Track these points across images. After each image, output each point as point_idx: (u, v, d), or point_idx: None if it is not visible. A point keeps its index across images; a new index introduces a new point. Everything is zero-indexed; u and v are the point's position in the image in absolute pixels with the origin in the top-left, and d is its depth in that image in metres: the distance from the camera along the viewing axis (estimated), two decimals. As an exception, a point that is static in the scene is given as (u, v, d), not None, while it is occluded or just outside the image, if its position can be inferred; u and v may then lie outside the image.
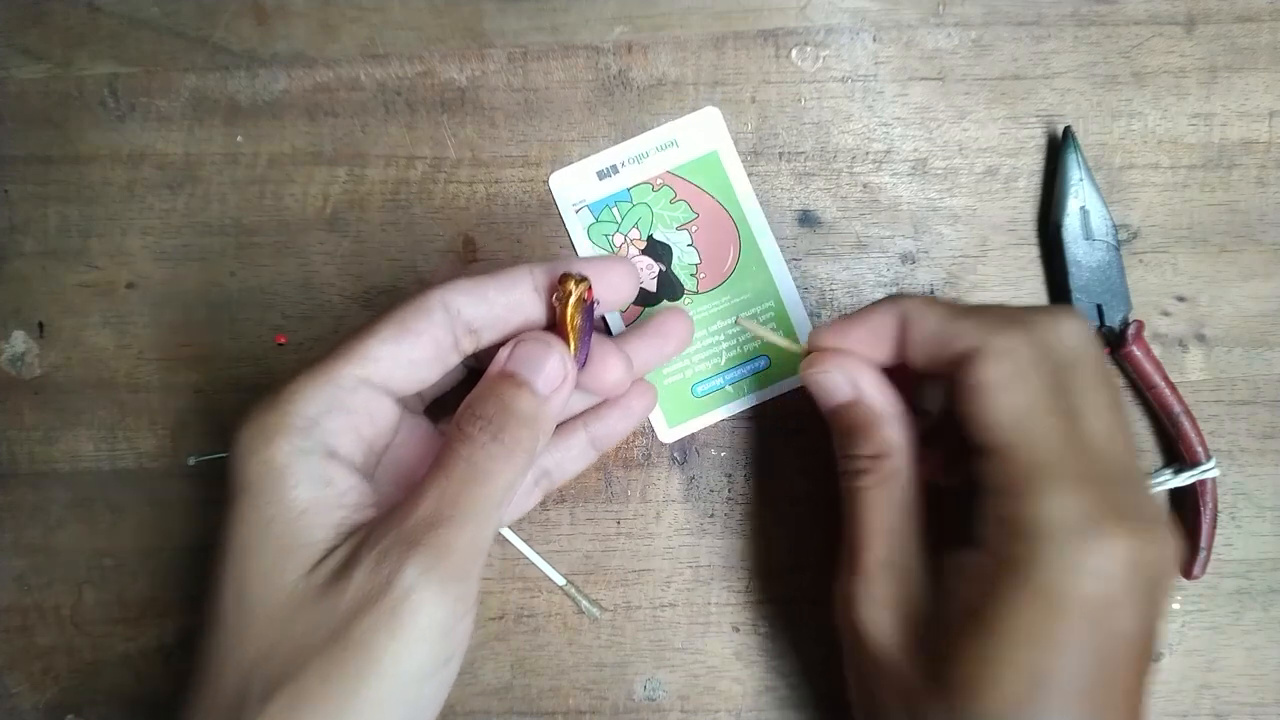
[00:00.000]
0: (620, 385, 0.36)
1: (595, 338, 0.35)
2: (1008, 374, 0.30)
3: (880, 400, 0.34)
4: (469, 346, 0.34)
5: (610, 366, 0.35)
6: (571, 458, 0.40)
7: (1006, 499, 0.29)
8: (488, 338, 0.34)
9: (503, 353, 0.33)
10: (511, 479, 0.31)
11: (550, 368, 0.32)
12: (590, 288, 0.33)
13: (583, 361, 0.34)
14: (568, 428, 0.39)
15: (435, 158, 0.45)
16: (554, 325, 0.33)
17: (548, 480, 0.40)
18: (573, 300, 0.32)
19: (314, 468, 0.30)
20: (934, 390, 0.38)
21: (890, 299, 0.34)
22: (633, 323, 0.45)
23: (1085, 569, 0.27)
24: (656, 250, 0.45)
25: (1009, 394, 0.30)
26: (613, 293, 0.35)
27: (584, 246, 0.45)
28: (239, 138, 0.45)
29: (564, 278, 0.32)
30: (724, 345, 0.45)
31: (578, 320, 0.33)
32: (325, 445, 0.31)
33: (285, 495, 0.30)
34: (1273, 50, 0.45)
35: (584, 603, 0.45)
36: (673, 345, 0.39)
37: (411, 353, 0.32)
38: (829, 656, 0.44)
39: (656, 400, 0.41)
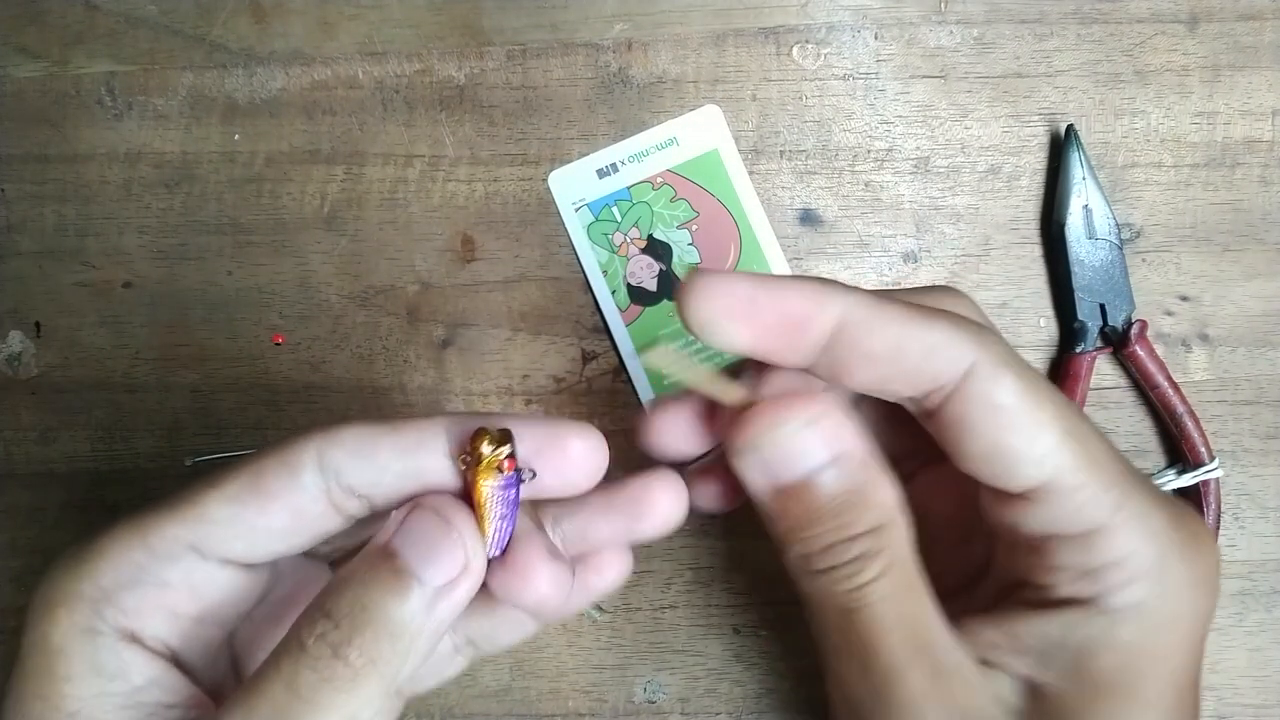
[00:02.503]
0: (547, 602, 0.25)
1: (525, 527, 0.25)
2: (1019, 390, 0.23)
3: (867, 451, 0.25)
4: (357, 510, 0.25)
5: (535, 573, 0.24)
6: (506, 630, 0.29)
7: (1083, 547, 0.23)
8: (382, 503, 0.25)
9: (394, 518, 0.24)
10: (354, 716, 0.22)
11: (446, 555, 0.23)
12: (513, 455, 0.23)
13: (499, 551, 0.24)
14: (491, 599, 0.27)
15: (433, 156, 0.45)
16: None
17: (473, 649, 0.30)
18: (482, 466, 0.23)
19: (100, 654, 0.23)
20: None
21: (810, 283, 0.24)
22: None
23: (1200, 589, 0.24)
24: (656, 249, 0.45)
25: (1030, 414, 0.23)
26: (558, 475, 0.25)
27: (584, 246, 0.45)
28: (236, 136, 0.45)
29: (476, 435, 0.23)
30: (724, 345, 0.45)
31: (486, 496, 0.23)
32: (122, 625, 0.24)
33: (54, 688, 0.23)
34: (1276, 48, 0.45)
35: (583, 604, 0.44)
36: (649, 525, 0.27)
37: (260, 519, 0.24)
38: (830, 658, 0.44)
39: (628, 572, 0.29)
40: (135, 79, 0.45)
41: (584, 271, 0.45)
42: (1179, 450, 0.44)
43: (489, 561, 0.24)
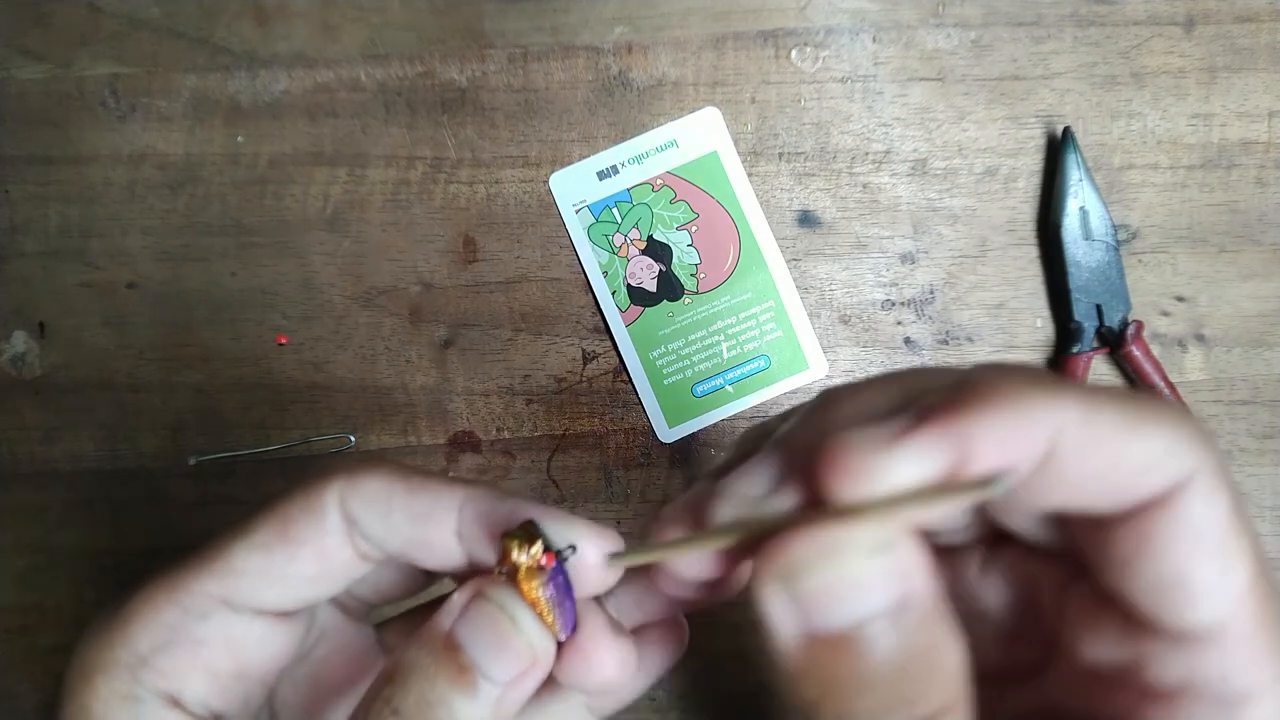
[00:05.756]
0: (612, 684, 0.24)
1: (587, 608, 0.24)
2: (1228, 514, 0.19)
3: (937, 598, 0.19)
4: (379, 557, 0.25)
5: (601, 655, 0.23)
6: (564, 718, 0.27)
7: (1227, 711, 0.19)
8: (395, 554, 0.25)
9: (455, 598, 0.23)
10: None
11: (513, 652, 0.22)
12: (548, 547, 0.23)
13: (565, 635, 0.23)
14: (552, 687, 0.25)
15: (435, 158, 0.45)
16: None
17: None
18: (522, 575, 0.22)
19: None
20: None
21: (1021, 390, 0.18)
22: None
23: None
24: (656, 250, 0.45)
25: (1230, 544, 0.19)
26: (587, 568, 0.23)
27: (584, 246, 0.45)
28: (240, 138, 0.46)
29: (504, 543, 0.22)
30: (724, 345, 0.45)
31: (537, 596, 0.23)
32: (162, 689, 0.23)
33: None
34: (1272, 50, 0.45)
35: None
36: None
37: (288, 567, 0.24)
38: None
39: (684, 643, 0.28)
40: (138, 81, 0.46)
41: (584, 272, 0.45)
42: (1175, 450, 0.44)
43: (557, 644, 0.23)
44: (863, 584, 0.18)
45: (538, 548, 0.22)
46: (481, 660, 0.22)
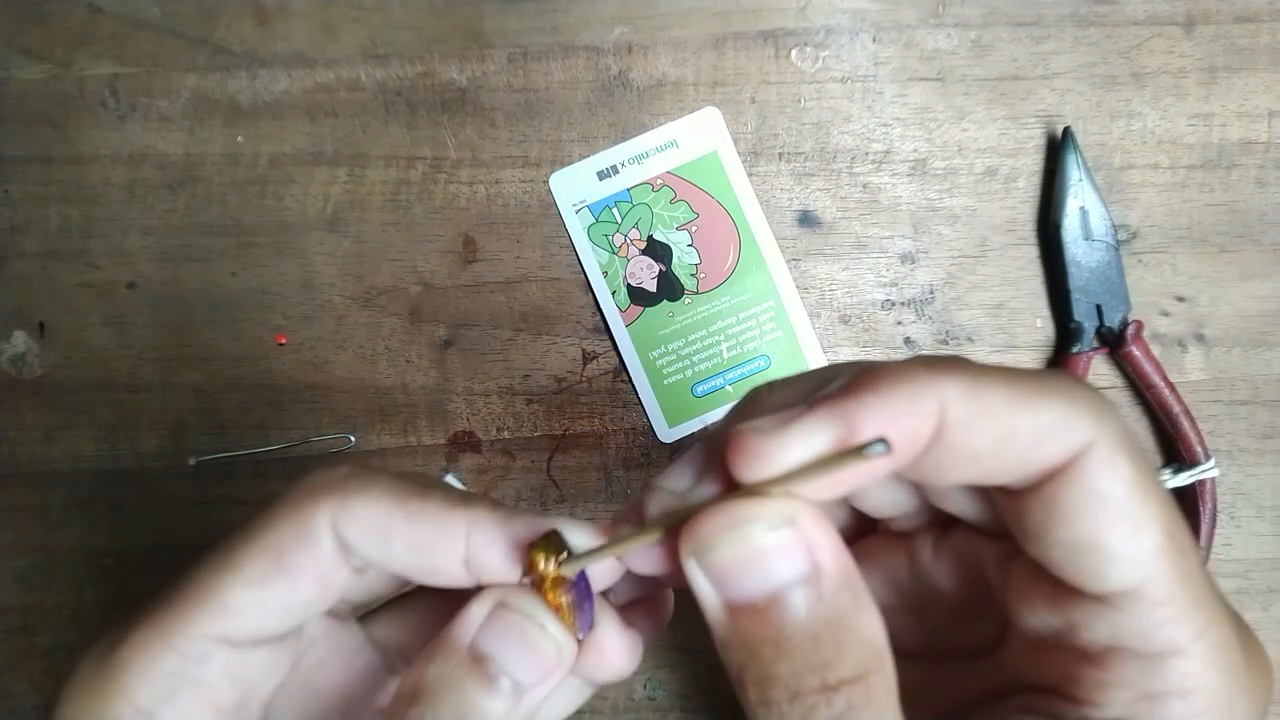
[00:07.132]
0: (623, 674, 0.25)
1: (600, 607, 0.25)
2: (1131, 479, 0.20)
3: (850, 568, 0.20)
4: (372, 571, 0.25)
5: (613, 651, 0.25)
6: (560, 700, 0.27)
7: (1153, 668, 0.20)
8: (395, 573, 0.25)
9: (474, 611, 0.23)
10: None
11: (542, 658, 0.23)
12: (569, 551, 0.23)
13: (587, 629, 0.24)
14: None
15: (435, 158, 0.45)
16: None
17: None
18: (548, 586, 0.23)
19: None
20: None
21: (906, 373, 0.20)
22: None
23: None
24: (656, 250, 0.45)
25: (1137, 508, 0.20)
26: (604, 571, 0.24)
27: (584, 247, 0.45)
28: (239, 138, 0.46)
29: (530, 554, 0.23)
30: (724, 345, 0.45)
31: (562, 598, 0.23)
32: None
33: None
34: (1272, 50, 0.45)
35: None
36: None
37: (287, 598, 0.23)
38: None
39: (668, 618, 0.29)
40: (138, 81, 0.46)
41: (584, 272, 0.45)
42: (1175, 450, 0.44)
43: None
44: (768, 555, 0.19)
45: (563, 556, 0.23)
46: (512, 668, 0.22)
